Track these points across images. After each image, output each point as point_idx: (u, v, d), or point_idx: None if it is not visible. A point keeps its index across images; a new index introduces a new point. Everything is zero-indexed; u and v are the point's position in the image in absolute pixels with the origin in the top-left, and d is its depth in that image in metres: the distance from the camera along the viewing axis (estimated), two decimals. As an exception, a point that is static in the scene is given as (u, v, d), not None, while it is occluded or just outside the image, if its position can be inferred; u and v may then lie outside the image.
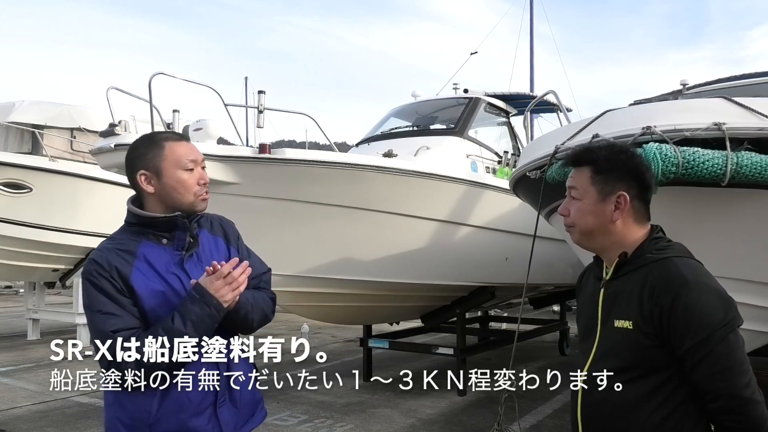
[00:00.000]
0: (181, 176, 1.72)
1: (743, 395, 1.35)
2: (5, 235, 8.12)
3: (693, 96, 5.28)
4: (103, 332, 1.58)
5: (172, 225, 1.72)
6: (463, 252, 5.70)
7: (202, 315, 1.61)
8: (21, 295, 15.57)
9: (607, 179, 1.52)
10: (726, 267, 3.45)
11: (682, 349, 1.38)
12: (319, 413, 5.28)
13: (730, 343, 1.37)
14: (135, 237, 1.71)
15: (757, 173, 2.96)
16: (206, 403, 1.69)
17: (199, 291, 1.61)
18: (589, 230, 1.55)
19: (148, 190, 1.72)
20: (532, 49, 17.54)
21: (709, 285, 1.42)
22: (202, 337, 1.63)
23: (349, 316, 6.00)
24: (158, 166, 1.71)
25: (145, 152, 1.73)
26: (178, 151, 1.73)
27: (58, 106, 9.21)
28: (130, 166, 1.76)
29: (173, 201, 1.72)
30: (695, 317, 1.37)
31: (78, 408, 5.50)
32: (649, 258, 1.49)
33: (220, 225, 1.91)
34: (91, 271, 1.64)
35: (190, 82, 4.91)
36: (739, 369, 1.36)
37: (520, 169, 4.11)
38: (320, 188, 4.82)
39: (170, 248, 1.72)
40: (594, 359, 1.54)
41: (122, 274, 1.63)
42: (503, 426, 4.18)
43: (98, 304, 1.61)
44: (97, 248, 1.72)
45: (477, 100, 6.65)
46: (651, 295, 1.43)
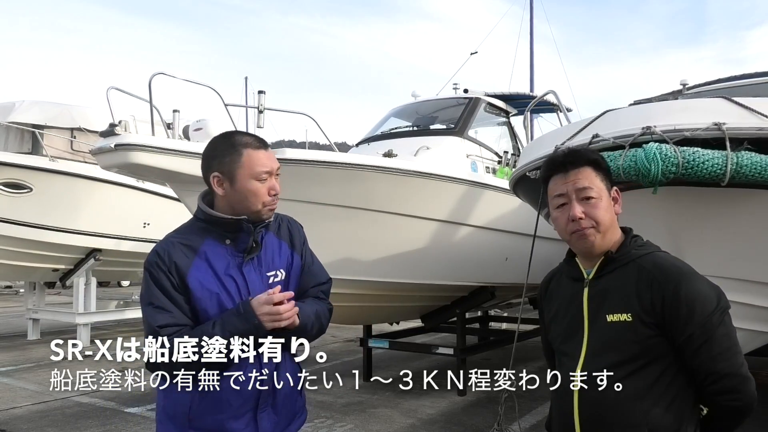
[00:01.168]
0: (254, 186, 1.70)
1: (741, 373, 1.44)
2: (5, 235, 8.13)
3: (693, 96, 5.28)
4: (151, 326, 1.61)
5: (237, 227, 1.71)
6: (463, 252, 5.70)
7: (242, 330, 1.60)
8: (21, 295, 15.58)
9: (606, 176, 1.60)
10: (726, 267, 3.46)
11: (684, 335, 1.44)
12: (319, 413, 5.28)
13: (726, 325, 1.45)
14: (200, 233, 1.72)
15: (757, 173, 2.96)
16: (247, 407, 1.68)
17: (245, 307, 1.62)
18: (607, 228, 1.58)
19: (218, 192, 1.72)
20: (532, 49, 17.56)
21: (699, 274, 1.50)
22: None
23: (349, 316, 5.99)
24: (233, 172, 1.70)
25: (223, 155, 1.72)
26: (256, 161, 1.71)
27: (58, 106, 9.21)
28: (205, 164, 1.76)
29: (241, 208, 1.71)
30: (696, 303, 1.43)
31: (78, 408, 5.50)
32: (635, 254, 1.55)
33: (288, 228, 1.90)
34: (152, 262, 1.66)
35: (190, 82, 4.92)
36: (735, 349, 1.45)
37: (520, 169, 4.11)
38: (320, 188, 4.82)
39: (232, 249, 1.72)
40: (587, 357, 1.54)
41: (180, 270, 1.65)
42: (503, 426, 4.19)
43: (152, 296, 1.64)
44: (162, 239, 1.74)
45: (477, 100, 6.65)
46: (649, 286, 1.48)
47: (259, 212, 1.73)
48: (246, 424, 1.68)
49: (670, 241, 3.16)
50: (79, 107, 9.35)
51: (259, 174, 1.70)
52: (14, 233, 8.16)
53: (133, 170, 4.76)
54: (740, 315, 3.64)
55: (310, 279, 1.88)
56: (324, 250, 5.34)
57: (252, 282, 1.71)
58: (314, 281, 1.88)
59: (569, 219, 1.57)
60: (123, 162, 4.51)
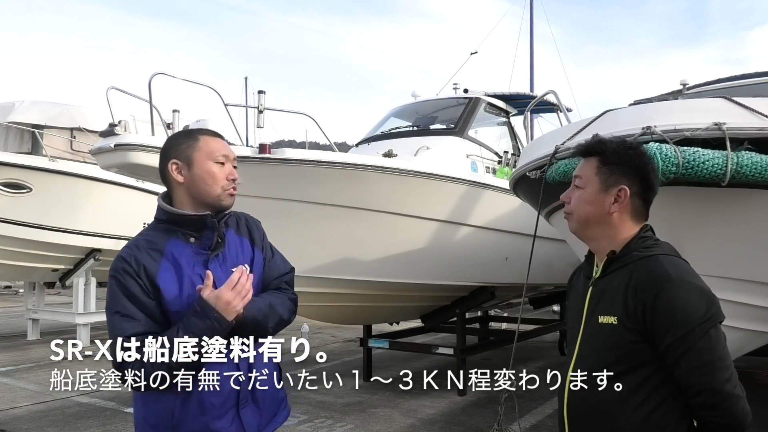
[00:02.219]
0: (212, 168, 1.74)
1: (724, 390, 1.37)
2: (5, 235, 8.13)
3: (693, 96, 5.28)
4: (117, 335, 1.59)
5: (201, 224, 1.73)
6: (463, 252, 5.70)
7: (204, 328, 1.59)
8: (21, 295, 15.58)
9: (612, 171, 1.55)
10: (726, 267, 3.46)
11: (664, 344, 1.40)
12: (319, 413, 5.28)
13: (711, 339, 1.38)
14: (164, 234, 1.72)
15: (757, 173, 2.96)
16: (228, 405, 1.69)
17: (201, 304, 1.61)
18: (585, 219, 1.58)
19: (177, 179, 1.73)
20: (532, 49, 17.55)
21: (691, 282, 1.43)
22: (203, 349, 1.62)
23: (349, 316, 6.00)
24: (191, 156, 1.74)
25: (180, 142, 1.77)
26: (212, 145, 1.77)
27: (58, 106, 9.21)
28: (163, 156, 1.77)
29: (201, 192, 1.73)
30: (677, 313, 1.39)
31: (78, 408, 5.50)
32: (636, 255, 1.52)
33: (246, 225, 1.92)
34: (118, 268, 1.65)
35: (190, 82, 4.92)
36: (720, 364, 1.38)
37: (520, 169, 4.11)
38: (320, 188, 4.82)
39: (197, 247, 1.73)
40: (578, 356, 1.56)
41: (149, 273, 1.64)
42: (503, 426, 4.18)
43: (118, 304, 1.62)
44: (126, 245, 1.72)
45: (477, 100, 6.65)
46: (635, 292, 1.45)
47: (219, 196, 1.75)
48: (230, 422, 1.69)
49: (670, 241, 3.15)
50: (79, 107, 9.36)
51: (216, 156, 1.75)
52: (14, 233, 8.16)
53: (133, 170, 4.76)
54: (740, 315, 3.65)
55: (273, 271, 1.90)
56: (324, 250, 5.39)
57: (219, 279, 1.70)
58: (276, 273, 1.90)
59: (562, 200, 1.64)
60: (123, 162, 4.52)
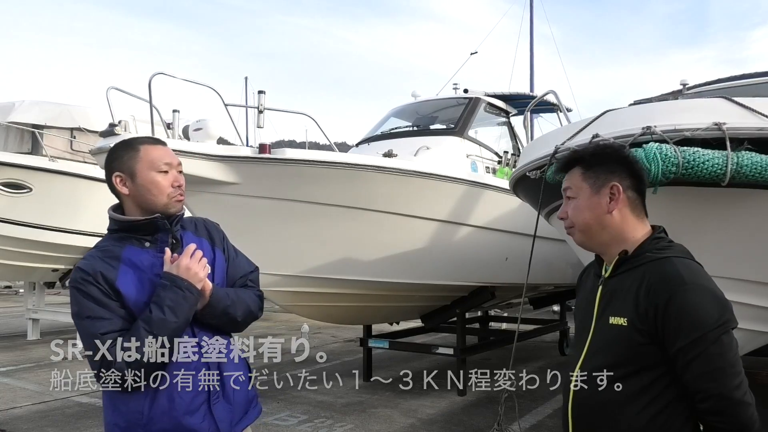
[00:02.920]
0: (155, 178, 1.74)
1: (733, 397, 1.36)
2: (5, 235, 8.12)
3: (693, 96, 5.28)
4: (94, 335, 1.61)
5: (153, 227, 1.74)
6: (463, 252, 5.70)
7: (177, 299, 1.65)
8: (21, 295, 15.57)
9: (597, 173, 1.56)
10: (726, 267, 3.45)
11: (675, 348, 1.39)
12: (319, 413, 5.28)
13: (722, 344, 1.37)
14: (118, 243, 1.74)
15: (757, 173, 2.96)
16: (199, 401, 1.70)
17: (167, 278, 1.66)
18: (587, 226, 1.57)
19: (123, 192, 1.75)
20: (532, 49, 17.55)
21: (705, 286, 1.42)
22: (183, 322, 1.66)
23: (349, 316, 5.99)
24: (132, 168, 1.74)
25: (121, 155, 1.76)
26: (153, 154, 1.76)
27: (58, 106, 9.21)
28: (107, 170, 1.78)
29: (147, 202, 1.74)
30: (689, 317, 1.38)
31: (78, 408, 5.50)
32: (649, 257, 1.50)
33: (205, 227, 1.93)
34: (77, 278, 1.66)
35: (190, 82, 4.92)
36: (730, 370, 1.37)
37: (520, 169, 4.11)
38: (320, 188, 4.82)
39: (153, 251, 1.74)
40: (586, 355, 1.56)
41: (108, 278, 1.65)
42: (503, 426, 4.18)
43: (87, 310, 1.64)
44: (83, 257, 1.74)
45: (477, 100, 6.65)
46: (647, 293, 1.44)
47: (165, 205, 1.75)
48: (202, 418, 1.70)
49: (670, 241, 3.16)
50: (79, 107, 9.35)
51: (158, 166, 1.75)
52: (14, 233, 8.15)
53: (133, 170, 4.75)
54: (740, 315, 3.64)
55: (237, 270, 1.93)
56: (324, 250, 5.39)
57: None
58: (241, 271, 1.93)
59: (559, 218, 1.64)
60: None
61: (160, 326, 1.62)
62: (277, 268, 5.02)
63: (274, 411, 5.34)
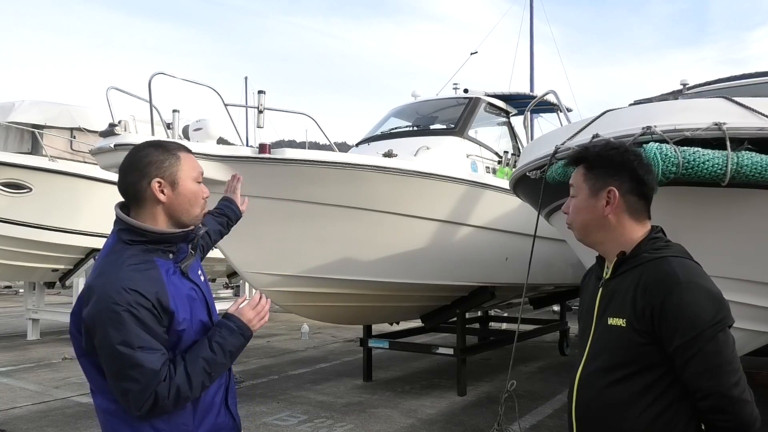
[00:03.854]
0: (194, 188, 1.71)
1: (732, 394, 1.37)
2: (5, 235, 8.12)
3: (693, 96, 5.28)
4: (153, 370, 1.50)
5: (180, 238, 1.69)
6: (463, 252, 5.70)
7: (239, 346, 1.67)
8: (21, 295, 15.57)
9: (598, 175, 1.57)
10: (726, 267, 3.45)
11: (672, 347, 1.40)
12: (319, 413, 5.28)
13: (719, 342, 1.38)
14: (147, 255, 1.63)
15: (757, 173, 2.96)
16: (219, 399, 1.74)
17: (237, 323, 1.66)
18: (583, 225, 1.60)
19: (159, 199, 1.64)
20: (532, 49, 17.55)
21: (701, 284, 1.42)
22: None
23: (349, 316, 5.99)
24: (175, 175, 1.67)
25: (161, 159, 1.66)
26: (192, 163, 1.72)
27: (58, 106, 9.21)
28: (139, 172, 1.65)
29: (182, 213, 1.68)
30: (685, 316, 1.39)
31: (78, 408, 5.50)
32: (645, 257, 1.51)
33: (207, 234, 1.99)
34: (131, 302, 1.51)
35: (190, 82, 4.91)
36: (728, 368, 1.38)
37: (520, 169, 4.11)
38: (320, 188, 4.82)
39: (174, 261, 1.70)
40: (588, 357, 1.57)
41: (162, 301, 1.57)
42: (503, 426, 4.18)
43: (138, 339, 1.50)
44: (116, 276, 1.55)
45: (477, 100, 6.65)
46: (644, 293, 1.45)
47: (196, 217, 1.73)
48: (225, 414, 1.74)
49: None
50: (79, 107, 9.36)
51: (197, 176, 1.73)
52: (14, 233, 8.16)
53: (133, 170, 4.75)
54: (740, 315, 3.64)
55: None
56: (324, 250, 5.39)
57: (201, 285, 1.76)
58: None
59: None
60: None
61: (220, 369, 1.63)
62: (277, 268, 5.02)
63: (274, 411, 5.34)
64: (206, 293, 1.77)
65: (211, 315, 1.76)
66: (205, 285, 1.80)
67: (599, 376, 1.51)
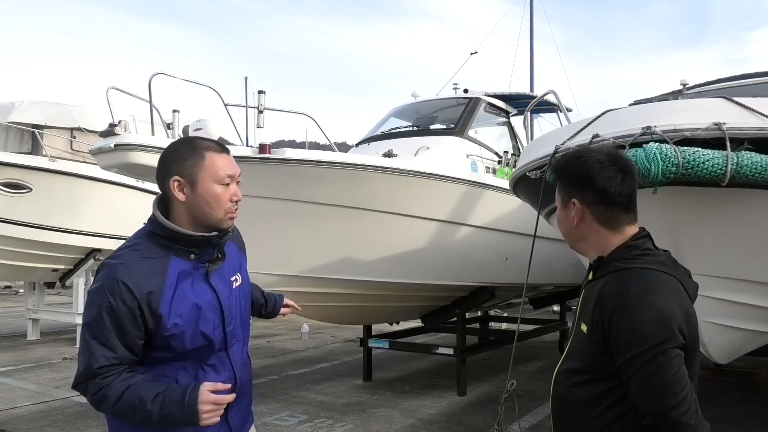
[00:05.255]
0: (216, 190, 1.64)
1: (669, 417, 1.34)
2: (5, 235, 8.12)
3: (693, 96, 5.28)
4: (89, 366, 1.52)
5: (204, 241, 1.65)
6: (463, 252, 5.70)
7: (178, 420, 1.53)
8: (21, 295, 15.57)
9: (564, 187, 1.60)
10: (726, 267, 3.46)
11: (618, 362, 1.41)
12: (319, 413, 5.28)
13: (658, 364, 1.35)
14: (162, 251, 1.61)
15: (757, 173, 2.96)
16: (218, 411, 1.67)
17: (191, 401, 1.51)
18: (565, 235, 1.64)
19: (178, 198, 1.63)
20: (532, 49, 17.55)
21: (650, 303, 1.38)
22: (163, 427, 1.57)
23: (349, 316, 6.00)
24: (195, 175, 1.63)
25: (184, 158, 1.64)
26: (218, 164, 1.65)
27: (58, 106, 9.21)
28: (163, 168, 1.65)
29: (202, 214, 1.64)
30: (626, 334, 1.38)
31: (78, 408, 5.50)
32: (615, 266, 1.51)
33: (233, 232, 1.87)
34: (113, 291, 1.52)
35: (190, 82, 4.92)
36: (667, 390, 1.34)
37: (520, 169, 4.11)
38: (320, 188, 4.82)
39: (196, 262, 1.66)
40: (565, 356, 1.61)
41: (152, 302, 1.55)
42: (503, 426, 4.18)
43: (99, 332, 1.52)
44: (121, 261, 1.57)
45: (477, 100, 6.65)
46: (599, 305, 1.46)
47: (221, 220, 1.66)
48: (219, 427, 1.67)
49: (670, 241, 3.16)
50: (79, 107, 9.35)
51: (222, 178, 1.65)
52: (14, 233, 8.15)
53: (133, 170, 4.76)
54: (740, 315, 3.65)
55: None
56: (324, 250, 5.39)
57: (221, 292, 1.68)
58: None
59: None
60: (123, 162, 4.52)
61: (145, 419, 1.52)
62: (277, 268, 5.02)
63: (274, 411, 5.34)
64: (227, 302, 1.69)
65: (225, 329, 1.67)
66: (232, 293, 1.73)
67: (567, 376, 1.56)
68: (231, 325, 1.70)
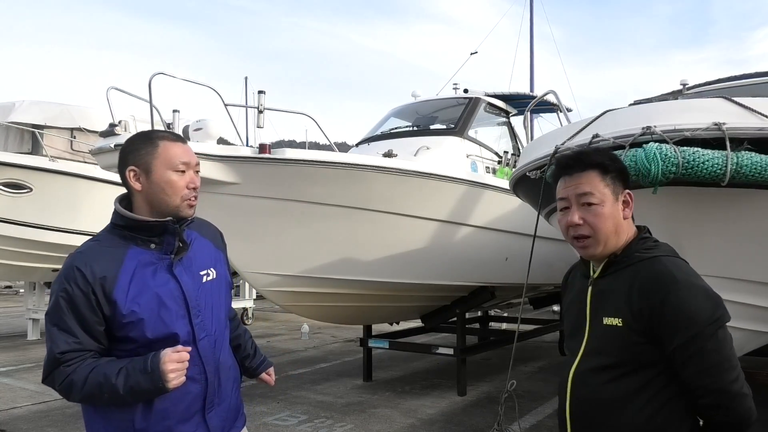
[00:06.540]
0: (171, 177, 1.67)
1: (731, 390, 1.39)
2: (5, 235, 8.13)
3: (693, 96, 5.28)
4: (52, 352, 1.56)
5: (161, 229, 1.67)
6: (463, 252, 5.70)
7: (145, 388, 1.54)
8: (21, 295, 15.58)
9: (614, 179, 1.56)
10: (726, 267, 3.46)
11: (672, 346, 1.41)
12: (319, 413, 5.28)
13: (718, 340, 1.40)
14: (122, 241, 1.65)
15: (757, 173, 2.96)
16: (194, 409, 1.66)
17: (153, 366, 1.53)
18: (608, 235, 1.54)
19: (135, 187, 1.67)
20: (532, 49, 17.55)
21: (696, 284, 1.44)
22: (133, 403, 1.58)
23: (349, 316, 6.00)
24: (149, 163, 1.66)
25: (139, 148, 1.68)
26: (172, 152, 1.68)
27: (58, 106, 9.22)
28: (122, 161, 1.70)
29: (159, 202, 1.67)
30: (685, 315, 1.40)
31: (78, 408, 5.47)
32: (637, 257, 1.52)
33: (209, 228, 1.90)
34: (69, 278, 1.57)
35: (190, 82, 4.91)
36: (727, 365, 1.40)
37: (520, 169, 4.11)
38: (320, 188, 4.82)
39: (158, 253, 1.67)
40: (583, 356, 1.57)
41: (106, 286, 1.57)
42: (503, 426, 4.18)
43: (59, 316, 1.56)
44: (80, 250, 1.63)
45: (477, 100, 6.65)
46: (640, 293, 1.46)
47: (177, 207, 1.68)
48: (196, 426, 1.66)
49: (670, 241, 3.14)
50: (79, 107, 9.36)
51: (175, 165, 1.68)
52: (14, 233, 8.16)
53: (133, 170, 4.76)
54: (740, 315, 3.65)
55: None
56: (324, 250, 5.39)
57: (185, 284, 1.68)
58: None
59: (568, 224, 1.57)
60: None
61: (114, 397, 1.54)
62: (277, 268, 5.02)
63: (274, 411, 5.34)
64: (193, 294, 1.68)
65: (192, 321, 1.66)
66: (202, 286, 1.72)
67: (595, 375, 1.51)
68: (199, 317, 1.69)
